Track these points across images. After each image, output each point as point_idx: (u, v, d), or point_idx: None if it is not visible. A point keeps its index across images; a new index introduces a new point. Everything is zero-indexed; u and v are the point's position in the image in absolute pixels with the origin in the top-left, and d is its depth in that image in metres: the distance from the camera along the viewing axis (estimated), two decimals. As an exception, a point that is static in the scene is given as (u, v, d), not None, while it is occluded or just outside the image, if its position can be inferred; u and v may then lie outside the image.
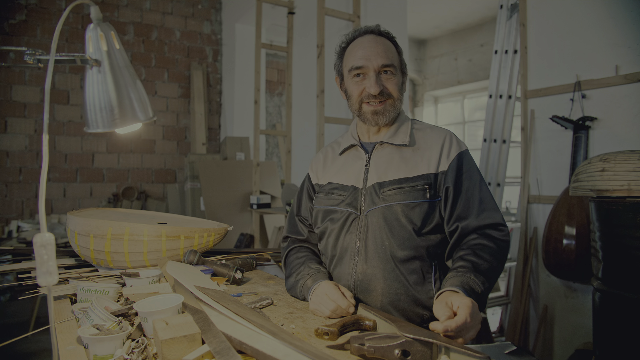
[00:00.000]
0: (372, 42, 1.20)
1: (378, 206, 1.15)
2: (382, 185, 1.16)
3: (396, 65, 1.20)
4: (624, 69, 2.26)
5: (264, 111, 6.01)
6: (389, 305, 1.12)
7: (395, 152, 1.21)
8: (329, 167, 1.32)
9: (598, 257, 1.76)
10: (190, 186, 4.74)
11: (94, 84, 1.19)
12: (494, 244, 1.10)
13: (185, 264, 1.39)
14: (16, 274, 1.41)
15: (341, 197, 1.22)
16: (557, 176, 2.58)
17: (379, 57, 1.17)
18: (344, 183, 1.24)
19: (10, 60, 4.30)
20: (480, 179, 1.18)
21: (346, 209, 1.20)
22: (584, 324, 2.41)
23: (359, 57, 1.19)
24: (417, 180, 1.14)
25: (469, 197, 1.15)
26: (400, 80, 1.23)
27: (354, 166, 1.25)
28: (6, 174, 4.59)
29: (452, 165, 1.16)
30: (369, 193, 1.18)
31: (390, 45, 1.22)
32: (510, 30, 3.12)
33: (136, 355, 0.81)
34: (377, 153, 1.22)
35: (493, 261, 1.07)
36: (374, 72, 1.17)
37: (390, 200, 1.14)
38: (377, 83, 1.17)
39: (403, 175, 1.16)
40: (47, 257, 0.61)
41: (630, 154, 1.65)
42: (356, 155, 1.27)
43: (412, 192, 1.13)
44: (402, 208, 1.13)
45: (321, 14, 3.37)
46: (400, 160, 1.19)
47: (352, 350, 0.80)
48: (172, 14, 5.47)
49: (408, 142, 1.20)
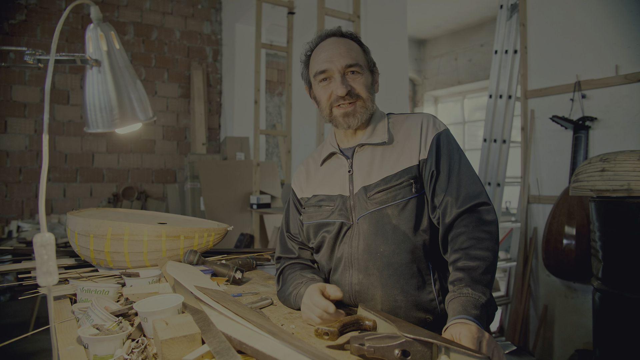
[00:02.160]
0: (333, 44, 1.17)
1: (368, 212, 1.12)
2: (368, 189, 1.13)
3: (362, 64, 1.17)
4: (624, 69, 2.26)
5: (264, 111, 6.01)
6: (390, 312, 1.09)
7: (376, 151, 1.17)
8: (312, 179, 1.28)
9: (598, 257, 1.75)
10: (190, 186, 4.74)
11: (94, 84, 1.19)
12: (481, 231, 1.04)
13: (185, 264, 1.39)
14: (16, 274, 1.41)
15: (330, 209, 1.18)
16: (557, 176, 2.58)
17: (342, 57, 1.14)
18: (330, 193, 1.20)
19: (10, 60, 4.30)
20: (459, 159, 1.13)
21: (338, 219, 1.16)
22: (584, 324, 2.41)
23: (322, 60, 1.16)
24: (402, 175, 1.11)
25: (449, 180, 1.10)
26: (370, 80, 1.20)
27: (337, 174, 1.21)
28: (6, 174, 4.59)
29: (432, 150, 1.12)
30: (358, 199, 1.14)
31: (354, 45, 1.19)
32: (510, 30, 3.12)
33: (136, 355, 0.81)
34: (358, 156, 1.19)
35: (486, 255, 1.01)
36: (339, 73, 1.14)
37: (380, 203, 1.11)
38: (344, 84, 1.13)
39: (386, 173, 1.13)
40: (47, 257, 0.61)
41: (630, 154, 1.65)
42: (338, 162, 1.23)
43: (400, 191, 1.10)
44: (392, 210, 1.10)
45: (321, 14, 3.37)
46: (382, 159, 1.15)
47: (352, 350, 0.80)
48: (172, 14, 5.47)
49: (387, 139, 1.17)
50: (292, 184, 1.35)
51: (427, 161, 1.12)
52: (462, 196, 1.08)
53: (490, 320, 0.99)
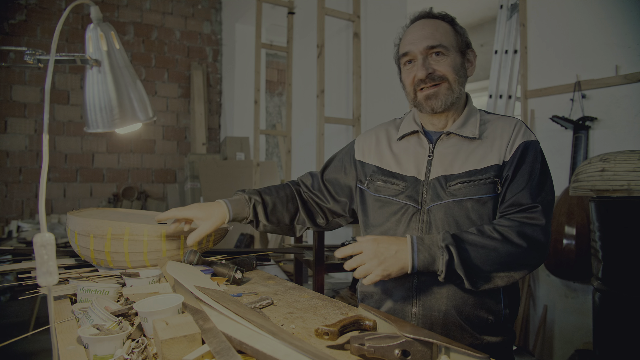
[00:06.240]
0: (419, 26, 1.13)
1: (444, 201, 1.07)
2: (448, 179, 1.08)
3: (447, 45, 1.11)
4: (624, 69, 2.25)
5: (264, 111, 6.01)
6: (453, 309, 1.05)
7: (463, 143, 1.12)
8: (383, 151, 1.22)
9: (598, 257, 1.75)
10: (190, 186, 4.74)
11: (94, 84, 1.19)
12: (518, 236, 0.99)
13: (186, 264, 1.39)
14: (16, 274, 1.41)
15: (400, 188, 1.13)
16: (557, 176, 2.57)
17: (425, 39, 1.10)
18: (403, 173, 1.15)
19: (10, 60, 4.30)
20: (539, 174, 1.06)
21: (405, 201, 1.11)
22: (584, 324, 2.41)
23: (405, 43, 1.14)
24: (487, 172, 1.06)
25: (524, 188, 1.04)
26: (458, 61, 1.13)
27: (415, 155, 1.15)
28: (6, 174, 4.59)
29: (516, 153, 1.07)
30: (433, 186, 1.09)
31: (442, 26, 1.13)
32: (510, 30, 3.12)
33: (136, 355, 0.81)
34: (443, 144, 1.13)
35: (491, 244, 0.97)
36: (421, 55, 1.10)
37: (459, 195, 1.06)
38: (424, 66, 1.09)
39: (471, 167, 1.07)
40: (47, 257, 0.61)
41: (630, 154, 1.65)
42: (418, 143, 1.17)
43: (483, 186, 1.05)
44: (473, 204, 1.05)
45: (321, 14, 3.37)
46: (468, 152, 1.10)
47: (352, 350, 0.80)
48: (172, 14, 5.47)
49: (477, 134, 1.11)
50: (355, 144, 1.31)
51: (507, 163, 1.07)
52: (532, 201, 1.03)
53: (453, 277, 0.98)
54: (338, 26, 3.78)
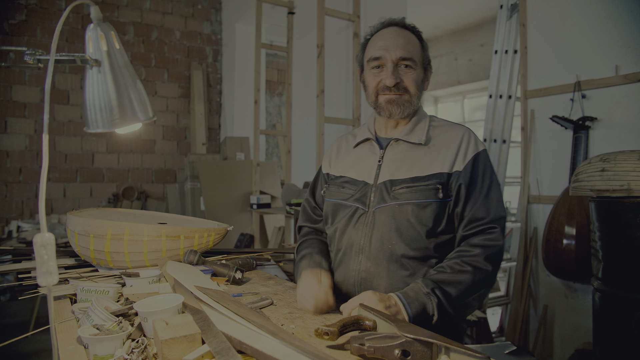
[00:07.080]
0: (393, 34, 1.18)
1: (388, 204, 1.13)
2: (394, 183, 1.15)
3: (416, 60, 1.17)
4: (624, 69, 2.25)
5: (264, 111, 6.02)
6: None
7: (410, 150, 1.18)
8: (342, 159, 1.31)
9: (598, 257, 1.75)
10: (190, 186, 4.74)
11: (94, 84, 1.19)
12: (484, 262, 1.08)
13: (185, 264, 1.39)
14: (16, 274, 1.41)
15: (351, 192, 1.21)
16: (557, 176, 2.58)
17: (398, 49, 1.15)
18: (355, 177, 1.23)
19: (10, 60, 4.30)
20: (490, 182, 1.15)
21: (354, 204, 1.19)
22: (584, 324, 2.41)
23: (378, 47, 1.17)
24: (430, 179, 1.12)
25: (479, 198, 1.13)
26: (421, 77, 1.19)
27: (367, 161, 1.23)
28: (6, 174, 4.59)
29: (468, 166, 1.13)
30: (379, 190, 1.16)
31: (413, 39, 1.19)
32: (510, 30, 3.12)
33: (136, 355, 0.81)
34: (392, 149, 1.20)
35: (467, 283, 1.05)
36: (392, 63, 1.15)
37: (402, 198, 1.12)
38: (394, 74, 1.14)
39: (416, 174, 1.14)
40: (47, 257, 0.61)
41: (630, 154, 1.65)
42: (370, 149, 1.25)
43: (424, 192, 1.11)
44: (413, 208, 1.11)
45: (321, 14, 3.36)
46: (415, 159, 1.16)
47: (352, 350, 0.80)
48: (172, 14, 5.47)
49: (424, 141, 1.18)
50: (324, 157, 1.40)
51: (460, 174, 1.13)
52: (488, 217, 1.11)
53: (445, 319, 1.04)
54: (338, 26, 3.78)
